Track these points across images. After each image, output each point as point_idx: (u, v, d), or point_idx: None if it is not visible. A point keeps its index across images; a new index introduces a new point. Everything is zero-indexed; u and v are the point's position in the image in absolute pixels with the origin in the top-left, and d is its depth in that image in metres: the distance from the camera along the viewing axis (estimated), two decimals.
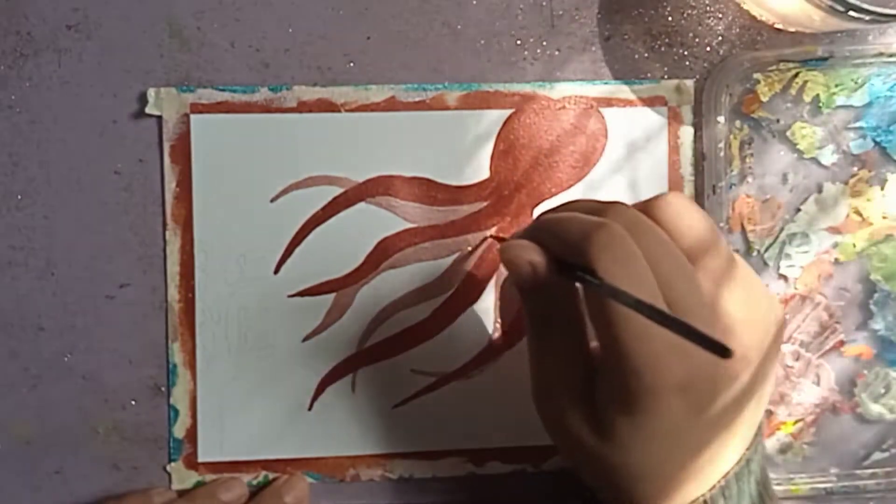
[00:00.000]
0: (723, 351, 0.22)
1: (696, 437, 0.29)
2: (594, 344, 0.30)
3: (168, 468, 0.39)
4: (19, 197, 0.39)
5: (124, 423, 0.39)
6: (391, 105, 0.39)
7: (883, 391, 0.41)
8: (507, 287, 0.33)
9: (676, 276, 0.28)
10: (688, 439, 0.29)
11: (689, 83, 0.40)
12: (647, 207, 0.31)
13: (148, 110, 0.38)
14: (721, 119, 0.40)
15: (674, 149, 0.40)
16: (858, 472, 0.41)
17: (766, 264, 0.41)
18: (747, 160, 0.41)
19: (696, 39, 0.41)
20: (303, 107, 0.39)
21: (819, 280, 0.41)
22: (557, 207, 0.34)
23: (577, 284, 0.30)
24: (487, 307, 0.40)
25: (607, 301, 0.27)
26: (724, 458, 0.31)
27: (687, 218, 0.30)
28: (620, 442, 0.29)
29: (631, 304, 0.26)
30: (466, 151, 0.40)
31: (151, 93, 0.38)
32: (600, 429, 0.29)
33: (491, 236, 0.40)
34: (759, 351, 0.30)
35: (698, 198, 0.40)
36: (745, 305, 0.30)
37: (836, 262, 0.41)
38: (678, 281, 0.28)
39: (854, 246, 0.41)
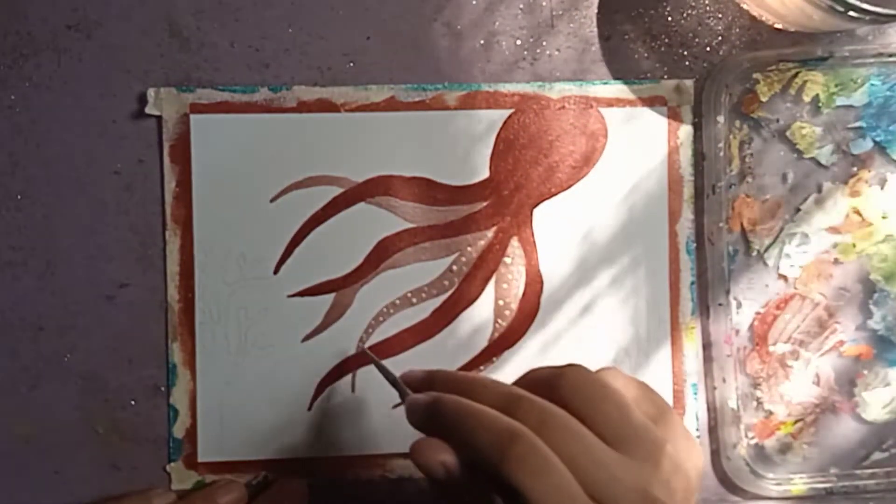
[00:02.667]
0: None
1: None
2: None
3: (168, 468, 0.39)
4: (19, 197, 0.39)
5: (124, 423, 0.39)
6: (391, 105, 0.39)
7: (882, 391, 0.41)
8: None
9: (594, 471, 0.28)
10: None
11: (689, 83, 0.40)
12: (551, 388, 0.30)
13: (148, 110, 0.38)
14: (721, 119, 0.40)
15: (674, 149, 0.40)
16: (858, 472, 0.41)
17: (766, 264, 0.41)
18: (747, 160, 0.41)
19: (696, 39, 0.41)
20: (303, 107, 0.39)
21: (819, 280, 0.41)
22: (459, 382, 0.32)
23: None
24: (487, 307, 0.40)
25: None
26: None
27: (593, 394, 0.30)
28: None
29: None
30: (466, 151, 0.40)
31: (151, 93, 0.38)
32: None
33: (367, 349, 0.39)
34: None
35: (698, 198, 0.40)
36: (671, 474, 0.30)
37: (836, 262, 0.41)
38: (597, 476, 0.28)
39: (854, 246, 0.41)
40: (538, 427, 0.29)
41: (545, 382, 0.31)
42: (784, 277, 0.41)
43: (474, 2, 0.40)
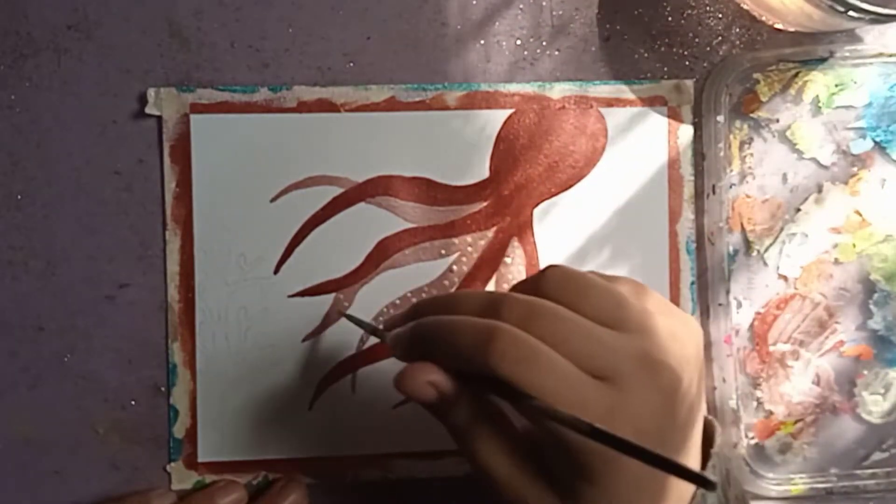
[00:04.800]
0: (706, 483, 0.22)
1: (658, 481, 0.29)
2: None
3: (168, 468, 0.39)
4: (19, 197, 0.39)
5: (124, 423, 0.39)
6: (391, 105, 0.39)
7: (882, 391, 0.41)
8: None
9: (589, 346, 0.28)
10: (650, 484, 0.29)
11: (689, 83, 0.40)
12: (536, 287, 0.30)
13: (148, 110, 0.38)
14: (721, 119, 0.40)
15: (674, 149, 0.40)
16: (858, 472, 0.41)
17: (766, 264, 0.41)
18: (747, 160, 0.41)
19: (696, 39, 0.41)
20: (303, 107, 0.39)
21: (819, 280, 0.41)
22: (440, 302, 0.32)
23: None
24: None
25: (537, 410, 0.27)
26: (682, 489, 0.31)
27: (577, 284, 0.30)
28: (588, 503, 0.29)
29: (585, 431, 0.25)
30: (466, 151, 0.40)
31: (151, 93, 0.38)
32: (565, 496, 0.29)
33: (341, 313, 0.39)
34: (693, 378, 0.30)
35: (698, 198, 0.40)
36: (669, 340, 0.29)
37: (836, 262, 0.41)
38: (592, 350, 0.28)
39: (854, 246, 0.41)
40: (524, 320, 0.28)
41: (528, 285, 0.30)
42: (784, 277, 0.41)
43: (474, 2, 0.40)
